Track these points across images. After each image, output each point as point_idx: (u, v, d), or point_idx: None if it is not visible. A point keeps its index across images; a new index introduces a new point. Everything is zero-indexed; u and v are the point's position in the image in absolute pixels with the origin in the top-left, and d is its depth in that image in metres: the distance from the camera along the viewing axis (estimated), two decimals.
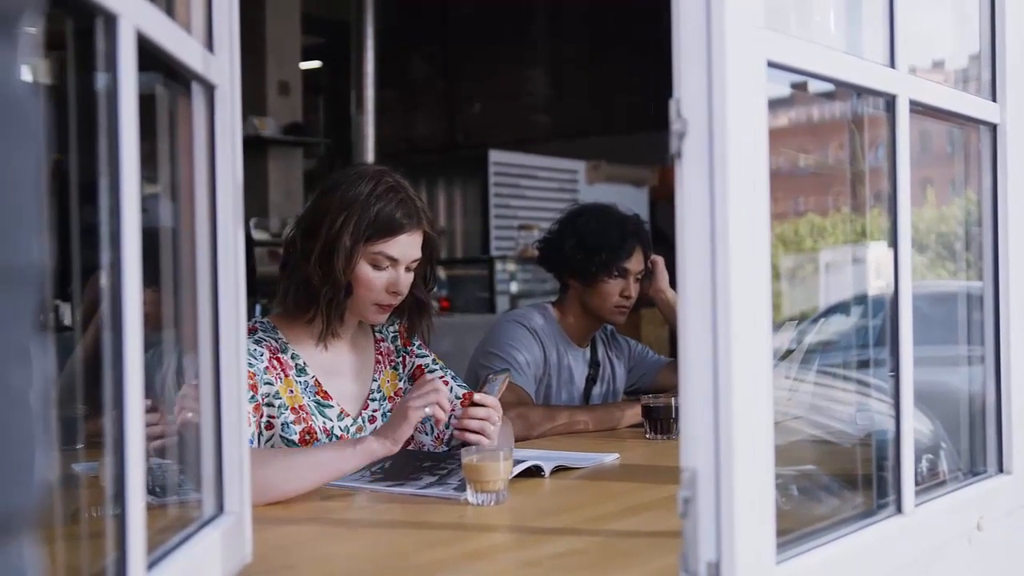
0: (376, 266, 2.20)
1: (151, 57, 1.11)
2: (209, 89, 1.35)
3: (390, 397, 2.36)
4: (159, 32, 1.12)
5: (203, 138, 1.36)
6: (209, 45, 1.35)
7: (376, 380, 2.35)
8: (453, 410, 2.28)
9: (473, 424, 2.16)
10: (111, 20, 1.00)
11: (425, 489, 1.97)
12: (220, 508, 1.38)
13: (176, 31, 1.20)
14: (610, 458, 2.36)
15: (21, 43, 0.52)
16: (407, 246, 2.22)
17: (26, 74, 0.53)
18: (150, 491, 1.16)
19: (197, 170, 1.35)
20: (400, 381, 2.40)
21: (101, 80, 1.01)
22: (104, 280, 1.02)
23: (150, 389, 1.07)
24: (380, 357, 2.38)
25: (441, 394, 2.02)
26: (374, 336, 2.40)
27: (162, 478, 1.41)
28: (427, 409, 2.00)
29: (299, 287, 2.21)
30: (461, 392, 2.39)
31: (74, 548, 1.18)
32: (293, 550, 1.65)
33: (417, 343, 2.44)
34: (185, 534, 1.27)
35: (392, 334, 2.43)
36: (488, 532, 1.75)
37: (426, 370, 2.40)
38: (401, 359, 2.42)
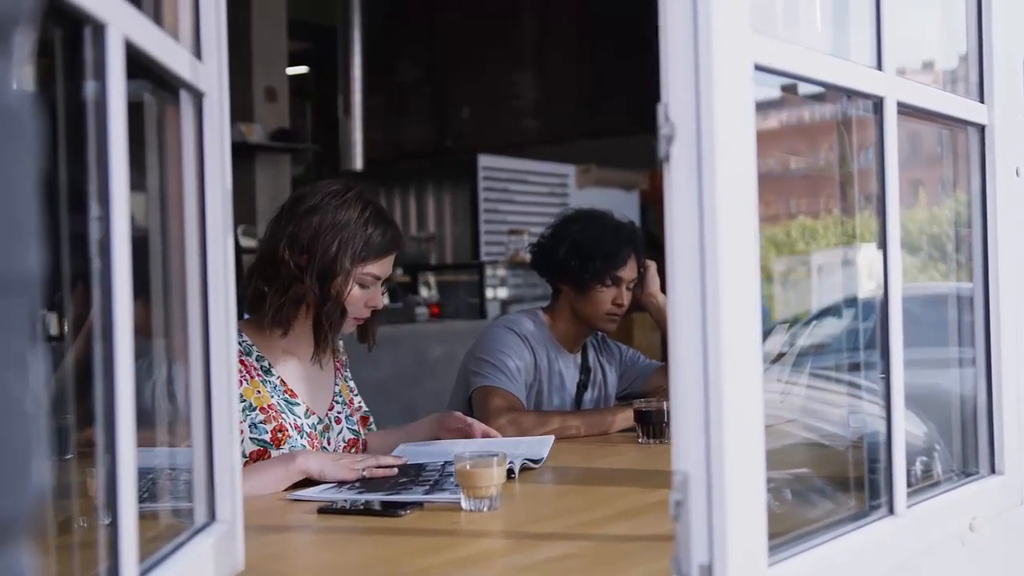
0: (362, 285, 2.31)
1: (138, 65, 1.11)
2: (197, 97, 1.35)
3: (348, 402, 2.48)
4: (147, 40, 1.12)
5: (192, 146, 1.35)
6: (197, 52, 1.35)
7: (337, 385, 2.47)
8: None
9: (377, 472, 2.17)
10: (99, 28, 0.99)
11: (426, 495, 1.95)
12: (212, 516, 1.38)
13: (164, 39, 1.20)
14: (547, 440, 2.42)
15: (17, 53, 0.52)
16: (389, 265, 2.37)
17: (22, 84, 0.53)
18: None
19: (186, 178, 1.35)
20: (351, 392, 2.53)
21: (89, 88, 1.01)
22: (95, 289, 1.01)
23: (140, 399, 1.06)
24: (339, 365, 2.51)
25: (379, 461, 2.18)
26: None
27: (151, 485, 1.40)
28: (365, 472, 2.14)
29: (292, 304, 2.27)
30: (349, 437, 2.47)
31: (65, 557, 1.17)
32: (285, 558, 1.65)
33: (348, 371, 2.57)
34: (177, 542, 1.27)
35: (342, 347, 2.56)
36: (482, 538, 1.75)
37: (354, 396, 2.53)
38: (348, 372, 2.55)
